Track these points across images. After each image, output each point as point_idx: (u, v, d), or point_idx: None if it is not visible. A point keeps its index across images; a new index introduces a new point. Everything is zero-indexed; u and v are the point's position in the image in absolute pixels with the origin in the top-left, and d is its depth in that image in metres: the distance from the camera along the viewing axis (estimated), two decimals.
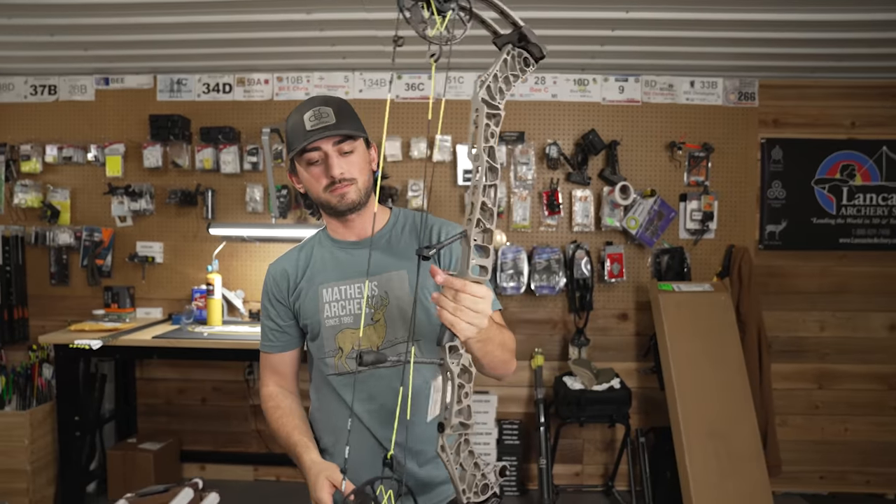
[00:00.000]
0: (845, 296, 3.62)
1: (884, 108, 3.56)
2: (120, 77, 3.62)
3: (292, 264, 1.46)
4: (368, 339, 1.36)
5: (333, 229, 1.45)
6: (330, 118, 1.29)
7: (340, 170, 1.30)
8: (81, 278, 3.65)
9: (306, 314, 1.41)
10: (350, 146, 1.32)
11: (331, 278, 1.39)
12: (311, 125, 1.29)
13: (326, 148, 1.30)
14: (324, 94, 1.39)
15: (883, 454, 3.64)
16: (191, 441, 3.74)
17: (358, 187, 1.33)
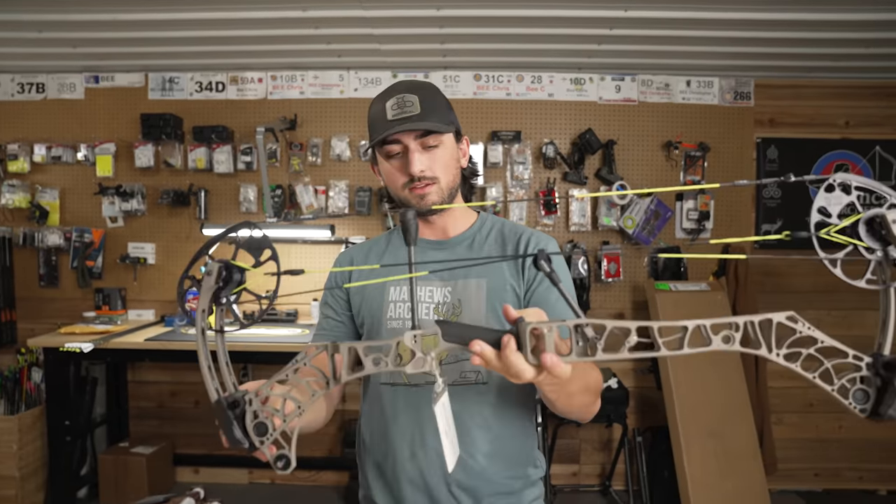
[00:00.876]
0: (840, 294, 3.63)
1: (877, 108, 3.59)
2: (110, 75, 3.56)
3: (362, 254, 1.33)
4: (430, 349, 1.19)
5: None
6: (414, 108, 1.16)
7: (421, 167, 1.16)
8: (71, 280, 3.58)
9: (367, 310, 1.26)
10: (435, 140, 1.18)
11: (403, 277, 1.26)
12: (393, 115, 1.16)
13: (407, 141, 1.16)
14: (411, 80, 1.24)
15: (876, 451, 3.67)
16: (184, 444, 3.68)
17: (440, 187, 1.19)
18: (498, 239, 1.29)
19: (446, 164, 1.21)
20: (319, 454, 3.68)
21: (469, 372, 1.18)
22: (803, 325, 0.64)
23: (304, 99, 3.55)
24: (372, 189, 3.51)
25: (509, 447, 1.21)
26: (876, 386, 0.62)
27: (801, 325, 0.64)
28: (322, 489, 3.61)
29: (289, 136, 3.51)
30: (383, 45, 3.18)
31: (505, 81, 3.54)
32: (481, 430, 1.19)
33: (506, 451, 1.20)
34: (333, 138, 3.50)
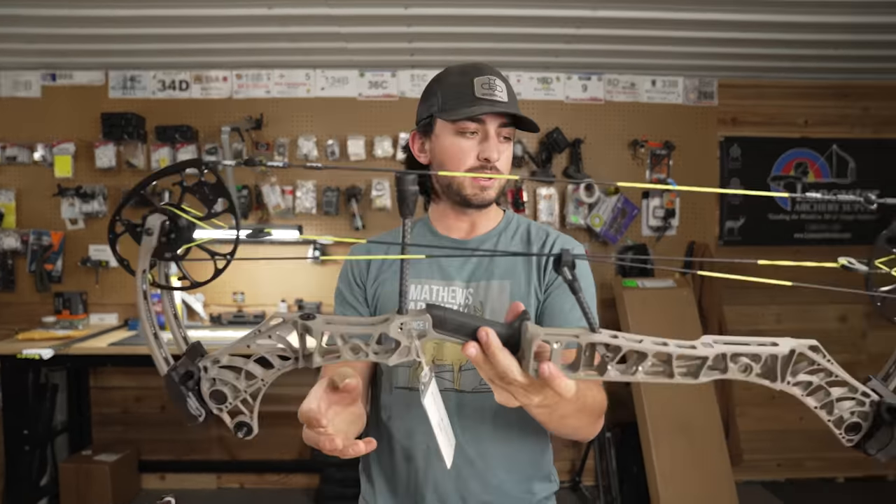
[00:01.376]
0: (800, 289, 3.73)
1: (834, 108, 3.70)
2: (69, 73, 3.46)
3: (382, 247, 1.25)
4: (452, 354, 1.12)
5: (442, 221, 1.23)
6: (503, 95, 1.10)
7: (497, 154, 1.10)
8: (29, 284, 3.47)
9: (385, 308, 1.16)
10: (510, 134, 1.13)
11: (423, 274, 1.17)
12: (483, 93, 1.08)
13: (491, 126, 1.10)
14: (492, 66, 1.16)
15: (834, 440, 3.68)
16: (150, 450, 3.60)
17: (500, 184, 1.15)
18: (524, 239, 1.23)
19: (508, 162, 1.16)
20: (289, 457, 3.63)
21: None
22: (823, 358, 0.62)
23: (270, 98, 3.50)
24: (339, 189, 3.48)
25: (527, 459, 1.17)
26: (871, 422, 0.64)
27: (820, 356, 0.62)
28: (292, 492, 3.56)
29: (255, 136, 3.46)
30: (350, 44, 3.15)
31: None
32: (501, 443, 1.14)
33: (523, 463, 1.16)
34: (300, 138, 3.46)
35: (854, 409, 0.64)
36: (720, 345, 0.61)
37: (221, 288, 3.52)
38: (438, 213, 1.24)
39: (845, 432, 0.66)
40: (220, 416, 0.64)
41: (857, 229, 3.72)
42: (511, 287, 1.14)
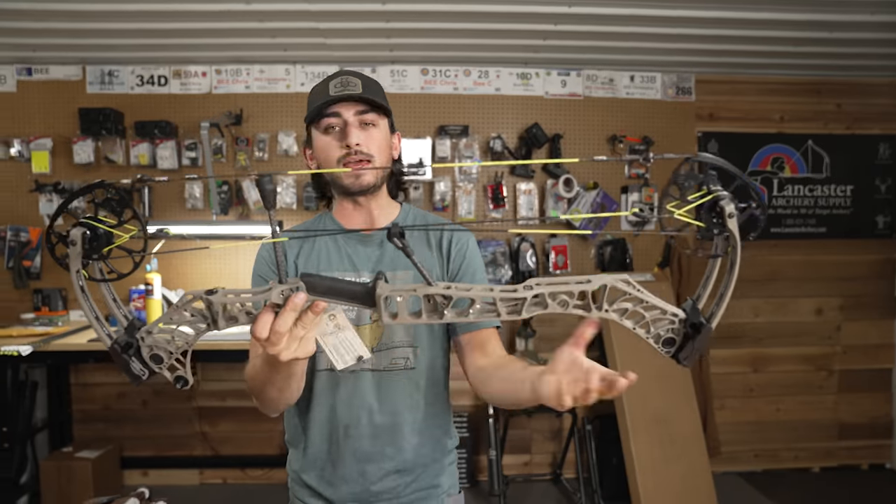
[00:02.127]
0: (777, 283, 3.79)
1: (809, 104, 3.75)
2: (44, 67, 3.43)
3: (291, 244, 1.32)
4: (363, 338, 1.24)
5: (343, 215, 1.33)
6: (356, 88, 1.21)
7: (357, 140, 1.20)
8: (6, 281, 3.45)
9: None
10: (373, 118, 1.23)
11: (334, 266, 1.28)
12: (336, 91, 1.20)
13: (347, 115, 1.20)
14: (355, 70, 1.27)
15: (809, 431, 3.85)
16: (132, 447, 3.60)
17: (374, 165, 1.23)
18: (422, 232, 1.33)
19: (381, 145, 1.24)
20: (271, 452, 3.64)
21: (399, 358, 1.26)
22: (634, 288, 0.75)
23: (249, 93, 3.50)
24: None
25: (434, 424, 1.32)
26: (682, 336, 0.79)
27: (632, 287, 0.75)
28: (275, 486, 3.57)
29: (234, 132, 3.46)
30: (329, 40, 3.15)
31: (452, 76, 3.56)
32: (411, 413, 1.28)
33: (431, 428, 1.31)
34: (280, 133, 3.46)
35: (668, 327, 0.78)
36: (541, 287, 0.75)
37: (202, 284, 3.51)
38: (339, 209, 1.34)
39: (662, 346, 0.79)
40: (161, 372, 0.80)
41: (833, 223, 3.77)
42: (414, 276, 1.24)
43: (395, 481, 1.28)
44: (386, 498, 1.28)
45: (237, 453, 3.63)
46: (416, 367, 1.28)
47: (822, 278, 3.81)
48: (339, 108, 1.20)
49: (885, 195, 3.80)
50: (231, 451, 3.64)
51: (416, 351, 1.28)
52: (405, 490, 1.29)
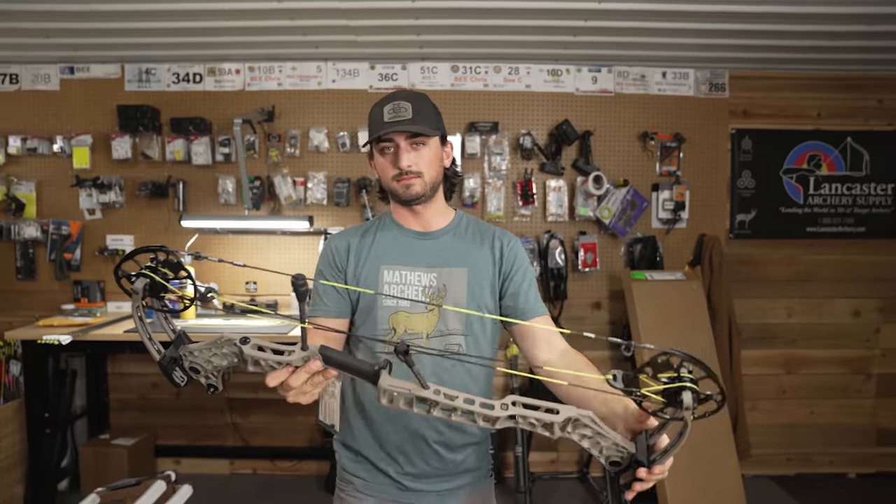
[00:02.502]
0: (812, 283, 3.71)
1: (848, 100, 3.64)
2: (85, 66, 3.53)
3: (356, 239, 1.50)
4: (421, 324, 1.42)
5: (401, 217, 1.51)
6: (407, 113, 1.37)
7: (408, 162, 1.39)
8: (49, 273, 3.57)
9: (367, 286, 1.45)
10: (423, 140, 1.41)
11: (393, 261, 1.45)
12: (389, 117, 1.38)
13: (399, 140, 1.39)
14: (409, 90, 1.50)
15: (846, 435, 3.76)
16: (165, 436, 3.70)
17: (424, 181, 1.41)
18: (476, 233, 1.52)
19: (430, 161, 1.42)
20: (300, 444, 3.70)
21: (451, 344, 1.43)
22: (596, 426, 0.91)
23: (281, 90, 3.55)
24: (350, 180, 3.52)
25: None
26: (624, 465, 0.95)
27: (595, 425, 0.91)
28: (303, 478, 3.64)
29: (267, 128, 3.51)
30: (360, 37, 3.18)
31: (482, 73, 3.56)
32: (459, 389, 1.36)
33: None
34: (311, 129, 3.51)
35: (617, 452, 0.94)
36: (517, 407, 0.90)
37: (234, 278, 3.58)
38: (396, 210, 1.53)
39: (609, 465, 0.95)
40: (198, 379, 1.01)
41: (872, 223, 3.67)
42: (468, 273, 1.45)
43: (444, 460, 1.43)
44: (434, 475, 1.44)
45: (267, 444, 3.70)
46: (466, 353, 1.44)
47: (860, 279, 3.71)
48: (392, 134, 1.38)
49: None
50: (261, 442, 3.71)
51: (468, 339, 1.43)
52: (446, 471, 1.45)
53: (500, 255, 1.48)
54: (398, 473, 1.44)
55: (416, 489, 1.45)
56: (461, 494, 1.48)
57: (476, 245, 1.49)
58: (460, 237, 1.50)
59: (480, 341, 1.45)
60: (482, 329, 1.45)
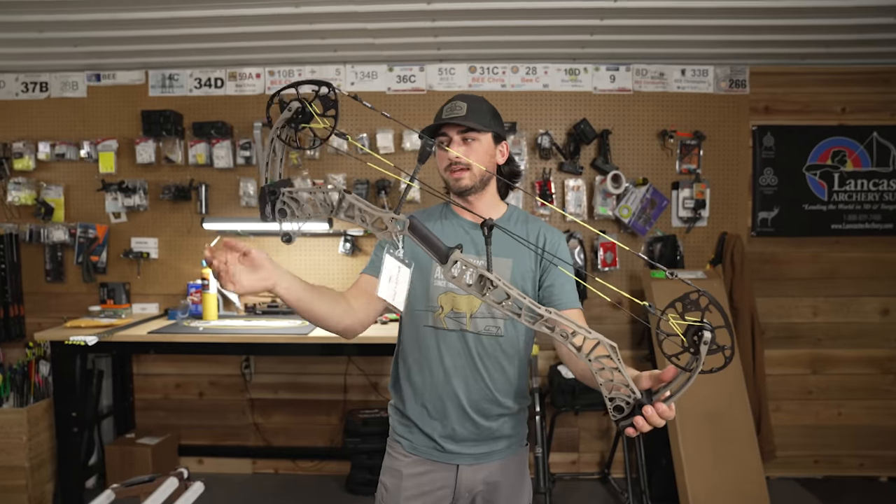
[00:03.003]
0: (837, 281, 3.64)
1: (873, 94, 3.57)
2: (111, 73, 3.62)
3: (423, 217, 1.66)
4: (465, 305, 1.56)
5: (457, 207, 1.65)
6: (461, 111, 1.52)
7: (457, 154, 1.52)
8: (76, 275, 3.65)
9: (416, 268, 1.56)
10: (474, 136, 1.54)
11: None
12: (447, 114, 1.54)
13: (451, 134, 1.54)
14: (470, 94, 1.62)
15: (876, 437, 3.67)
16: (188, 435, 3.76)
17: (473, 174, 1.54)
18: (524, 226, 1.64)
19: (479, 156, 1.55)
20: (322, 444, 3.73)
21: (491, 327, 1.56)
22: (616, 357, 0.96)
23: (302, 94, 3.59)
24: (369, 182, 3.55)
25: (514, 382, 1.61)
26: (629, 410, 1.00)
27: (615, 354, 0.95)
28: (324, 479, 3.66)
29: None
30: (377, 40, 3.21)
31: (500, 73, 3.57)
32: (498, 372, 1.58)
33: (511, 385, 1.60)
34: None
35: (625, 396, 0.99)
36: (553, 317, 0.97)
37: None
38: (453, 200, 1.65)
39: (614, 410, 1.01)
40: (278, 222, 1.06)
41: None
42: (513, 263, 1.56)
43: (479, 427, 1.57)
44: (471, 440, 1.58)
45: (289, 444, 3.74)
46: (504, 336, 1.57)
47: (889, 277, 3.62)
48: (446, 129, 1.55)
49: None
50: (283, 442, 3.74)
51: (507, 323, 1.56)
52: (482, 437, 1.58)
53: (544, 243, 1.60)
54: (439, 437, 1.58)
55: (453, 451, 1.58)
56: (495, 459, 1.61)
57: (524, 234, 1.60)
58: (512, 228, 1.62)
59: (518, 327, 1.58)
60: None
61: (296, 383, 3.73)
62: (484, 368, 1.56)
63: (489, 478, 1.60)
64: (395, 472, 1.62)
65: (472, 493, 1.60)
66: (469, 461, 1.59)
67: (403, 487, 1.59)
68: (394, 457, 1.65)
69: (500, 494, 1.62)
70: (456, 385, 1.56)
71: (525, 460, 1.71)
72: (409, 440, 1.62)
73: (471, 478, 1.59)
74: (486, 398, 1.57)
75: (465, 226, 1.62)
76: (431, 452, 1.60)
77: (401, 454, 1.63)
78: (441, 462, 1.59)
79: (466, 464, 1.59)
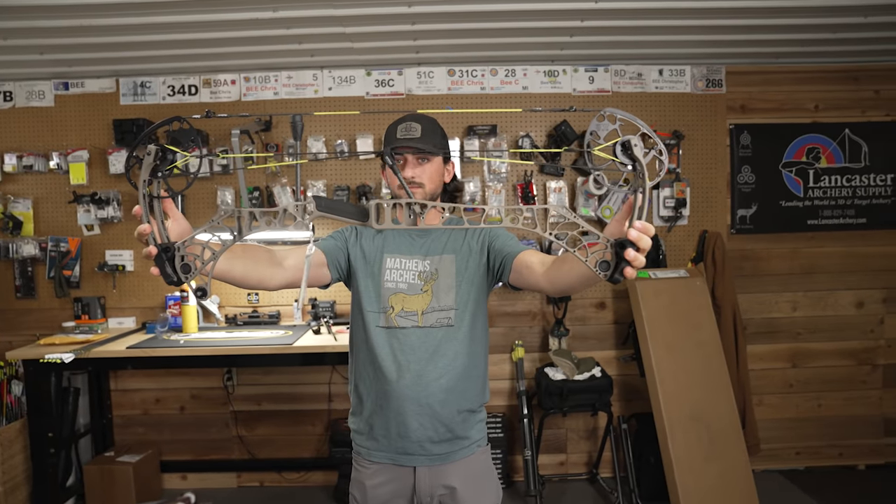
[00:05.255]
0: (815, 276, 3.71)
1: (845, 92, 3.65)
2: (80, 81, 3.51)
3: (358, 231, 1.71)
4: (416, 304, 1.62)
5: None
6: (416, 132, 1.58)
7: (412, 174, 1.59)
8: (48, 290, 3.54)
9: (365, 270, 1.66)
10: (427, 157, 1.61)
11: (396, 251, 1.66)
12: (401, 135, 1.59)
13: (407, 155, 1.60)
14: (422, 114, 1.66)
15: (853, 427, 3.75)
16: (170, 451, 3.67)
17: (425, 191, 1.61)
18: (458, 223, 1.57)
19: (431, 176, 1.63)
20: (307, 455, 3.68)
21: (442, 318, 1.61)
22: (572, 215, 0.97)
23: (278, 99, 3.53)
24: (350, 188, 3.51)
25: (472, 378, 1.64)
26: (614, 259, 0.92)
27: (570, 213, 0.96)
28: (311, 490, 3.61)
29: (264, 138, 3.49)
30: (356, 44, 3.17)
31: (479, 76, 3.55)
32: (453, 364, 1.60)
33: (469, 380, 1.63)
34: (310, 138, 3.49)
35: (602, 252, 0.94)
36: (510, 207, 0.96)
37: (236, 289, 3.56)
38: None
39: (599, 269, 0.94)
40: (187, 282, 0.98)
41: (873, 214, 3.67)
42: (456, 258, 1.65)
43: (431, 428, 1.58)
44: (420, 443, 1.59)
45: (274, 457, 3.67)
46: (454, 325, 1.61)
47: (863, 270, 3.71)
48: (402, 149, 1.59)
49: None
50: (268, 454, 3.68)
51: (457, 313, 1.61)
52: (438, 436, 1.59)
53: (480, 234, 1.69)
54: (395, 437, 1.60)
55: (410, 453, 1.60)
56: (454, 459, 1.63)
57: (461, 236, 1.70)
58: (449, 232, 1.71)
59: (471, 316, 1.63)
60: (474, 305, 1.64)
61: (279, 394, 3.66)
62: (439, 361, 1.59)
63: (449, 480, 1.61)
64: (359, 485, 1.66)
65: (432, 496, 1.61)
66: (426, 462, 1.60)
67: (369, 497, 1.62)
68: (357, 469, 1.69)
69: (462, 496, 1.61)
70: (410, 382, 1.57)
71: (488, 459, 1.72)
72: (366, 447, 1.66)
73: (429, 480, 1.60)
74: (441, 394, 1.58)
75: (411, 233, 1.69)
76: (391, 455, 1.62)
77: (362, 465, 1.67)
78: (398, 465, 1.61)
79: (423, 465, 1.60)
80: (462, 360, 1.60)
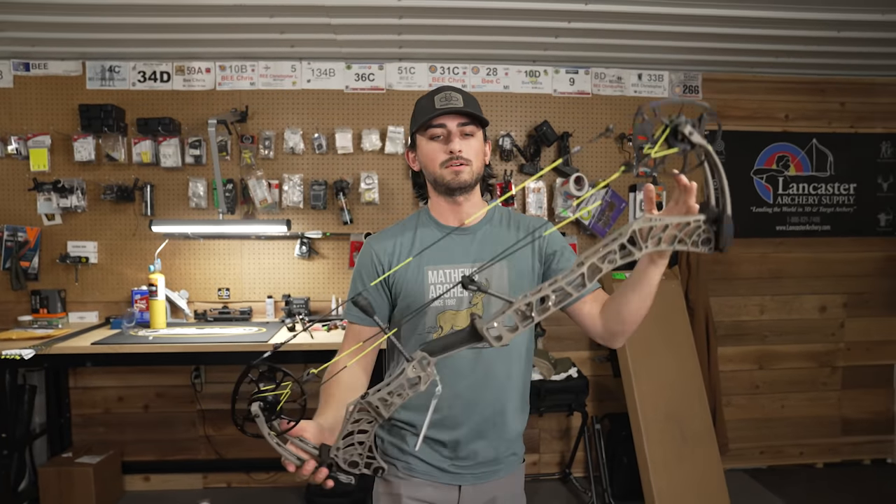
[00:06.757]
0: (782, 280, 3.82)
1: (813, 103, 3.77)
2: (43, 62, 3.33)
3: (397, 241, 1.50)
4: (466, 321, 1.42)
5: (439, 212, 1.51)
6: (458, 101, 1.39)
7: (459, 146, 1.39)
8: (3, 282, 3.34)
9: (408, 292, 1.46)
10: (472, 130, 1.41)
11: (437, 261, 1.45)
12: (441, 104, 1.39)
13: (451, 125, 1.39)
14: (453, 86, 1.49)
15: (814, 427, 3.89)
16: (133, 451, 3.52)
17: (472, 169, 1.42)
18: (511, 224, 1.53)
19: (477, 152, 1.43)
20: (276, 455, 3.57)
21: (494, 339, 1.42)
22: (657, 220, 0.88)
23: (254, 90, 3.43)
24: (327, 182, 3.43)
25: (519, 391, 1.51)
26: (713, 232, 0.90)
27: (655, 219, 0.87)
28: (281, 491, 3.52)
29: (240, 129, 3.39)
30: (339, 36, 3.10)
31: (461, 73, 3.52)
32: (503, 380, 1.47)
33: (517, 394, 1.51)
34: (287, 131, 3.40)
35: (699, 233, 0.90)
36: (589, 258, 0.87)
37: (206, 284, 3.44)
38: (435, 206, 1.52)
39: (703, 246, 0.91)
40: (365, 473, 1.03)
41: (836, 221, 3.80)
42: (509, 264, 1.45)
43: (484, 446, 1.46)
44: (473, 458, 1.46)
45: (242, 457, 3.56)
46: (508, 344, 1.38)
47: (827, 276, 3.84)
48: (444, 119, 1.39)
49: (888, 193, 3.84)
50: (236, 454, 3.57)
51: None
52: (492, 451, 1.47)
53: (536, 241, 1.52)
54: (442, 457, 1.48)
55: (456, 472, 1.48)
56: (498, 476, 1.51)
57: (513, 237, 1.50)
58: (496, 229, 1.52)
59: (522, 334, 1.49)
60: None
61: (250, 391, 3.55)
62: (489, 381, 1.46)
63: (490, 496, 1.52)
64: (393, 497, 1.50)
65: None
66: (472, 481, 1.49)
67: None
68: (388, 480, 1.52)
69: None
70: (460, 402, 1.45)
71: (522, 475, 1.62)
72: (405, 461, 1.50)
73: (473, 497, 1.50)
74: (490, 411, 1.47)
75: (440, 231, 1.51)
76: (432, 473, 1.48)
77: (394, 476, 1.51)
78: (443, 483, 1.48)
79: (469, 483, 1.49)
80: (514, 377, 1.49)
